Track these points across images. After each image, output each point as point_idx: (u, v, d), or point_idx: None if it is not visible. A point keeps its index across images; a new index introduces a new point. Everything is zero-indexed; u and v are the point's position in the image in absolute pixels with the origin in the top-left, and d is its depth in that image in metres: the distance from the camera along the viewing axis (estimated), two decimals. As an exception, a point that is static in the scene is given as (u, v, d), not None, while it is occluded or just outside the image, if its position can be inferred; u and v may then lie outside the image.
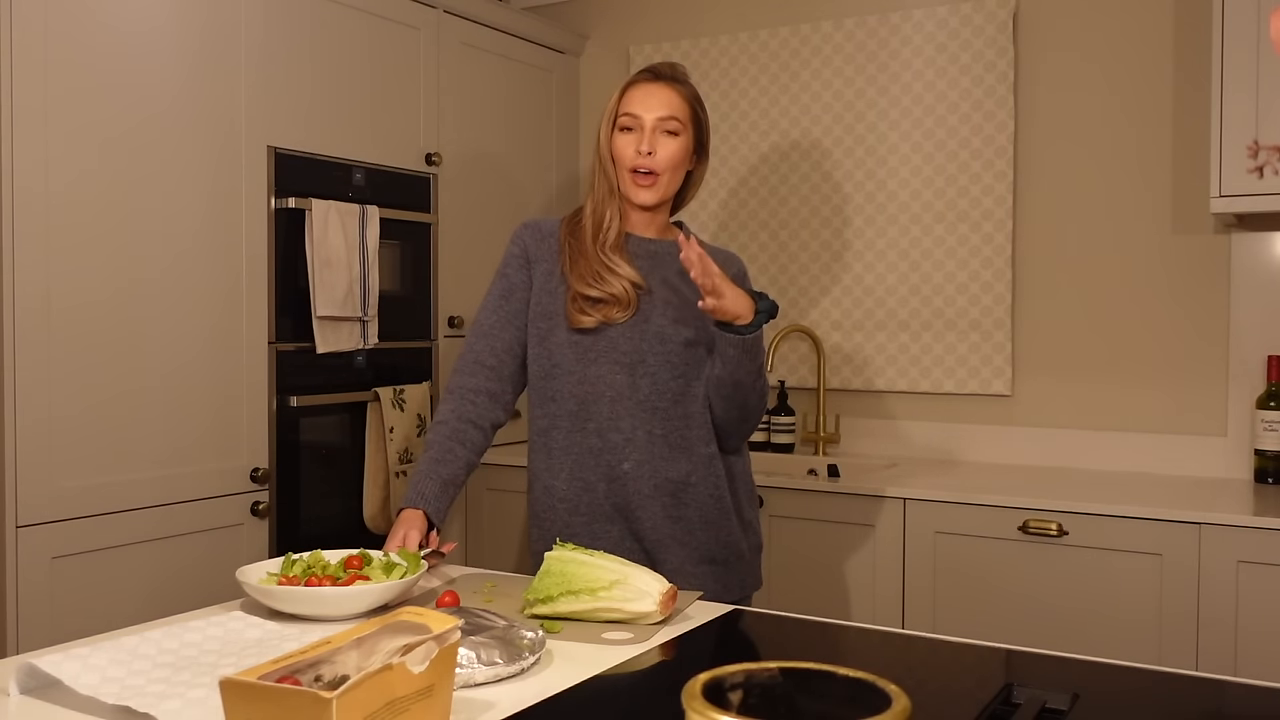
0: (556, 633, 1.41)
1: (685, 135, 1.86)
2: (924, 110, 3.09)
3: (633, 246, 1.89)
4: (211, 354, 2.43)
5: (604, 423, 1.83)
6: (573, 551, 1.49)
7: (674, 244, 1.90)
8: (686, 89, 1.88)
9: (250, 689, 0.92)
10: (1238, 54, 2.42)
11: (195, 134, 2.39)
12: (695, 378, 1.85)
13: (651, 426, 1.82)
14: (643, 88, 1.85)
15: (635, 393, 1.82)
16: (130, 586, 2.26)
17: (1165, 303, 2.82)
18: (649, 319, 1.84)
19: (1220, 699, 1.19)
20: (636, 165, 1.83)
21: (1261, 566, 2.20)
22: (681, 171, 1.89)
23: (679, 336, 1.83)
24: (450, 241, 3.07)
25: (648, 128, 1.82)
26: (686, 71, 1.92)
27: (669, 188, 1.87)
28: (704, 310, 1.70)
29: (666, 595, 1.44)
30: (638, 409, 1.82)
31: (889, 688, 0.84)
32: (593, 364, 1.83)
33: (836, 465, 2.89)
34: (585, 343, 1.83)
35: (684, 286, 1.87)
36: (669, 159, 1.83)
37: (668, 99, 1.84)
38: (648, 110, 1.83)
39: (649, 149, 1.81)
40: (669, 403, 1.83)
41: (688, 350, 1.84)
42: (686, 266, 1.67)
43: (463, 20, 3.12)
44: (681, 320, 1.84)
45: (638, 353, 1.82)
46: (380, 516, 2.80)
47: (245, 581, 1.46)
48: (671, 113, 1.83)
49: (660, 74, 1.87)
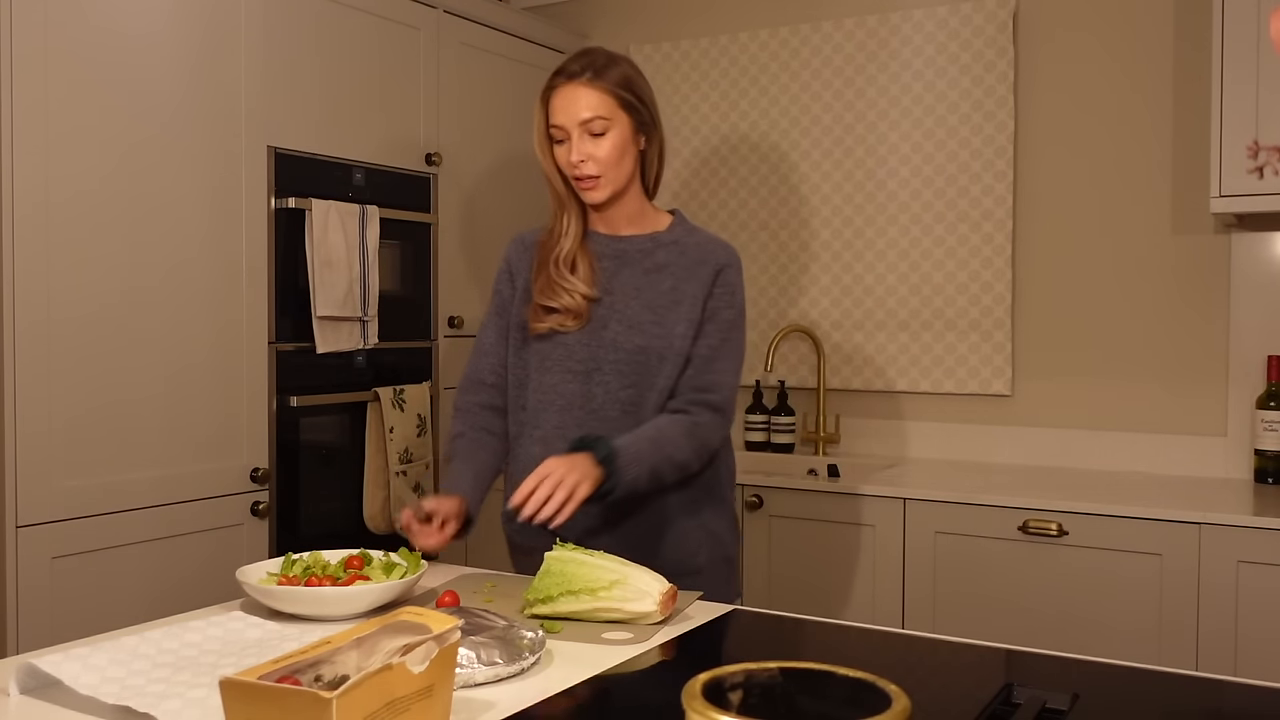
0: (556, 633, 1.41)
1: (616, 127, 1.76)
2: (924, 110, 3.09)
3: (598, 247, 1.85)
4: (211, 354, 2.43)
5: (550, 431, 1.80)
6: (573, 551, 1.49)
7: (650, 238, 1.85)
8: (604, 79, 1.76)
9: (250, 689, 0.92)
10: (1238, 54, 2.42)
11: (195, 134, 2.39)
12: (649, 387, 1.79)
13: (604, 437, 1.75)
14: (560, 94, 1.77)
15: (588, 401, 1.78)
16: (130, 586, 2.26)
17: (1165, 303, 2.82)
18: (606, 325, 1.80)
19: (1220, 699, 1.19)
20: (574, 174, 1.78)
21: (1261, 566, 2.20)
22: (626, 160, 1.79)
23: (631, 343, 1.78)
24: (450, 241, 3.07)
25: (574, 136, 1.75)
26: (606, 55, 1.79)
27: (617, 182, 1.79)
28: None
29: (666, 595, 1.44)
30: (587, 418, 1.78)
31: (889, 688, 0.84)
32: (548, 373, 1.81)
33: (836, 465, 2.89)
34: (544, 351, 1.82)
35: (649, 288, 1.82)
36: (604, 159, 1.76)
37: (586, 100, 1.74)
38: (569, 117, 1.75)
39: (579, 158, 1.75)
40: (619, 412, 1.78)
41: (640, 358, 1.78)
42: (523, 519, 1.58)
43: (463, 20, 3.12)
44: (636, 327, 1.79)
45: (593, 360, 1.79)
46: (380, 516, 2.79)
47: (245, 581, 1.46)
48: (593, 113, 1.74)
49: (573, 73, 1.76)
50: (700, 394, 1.79)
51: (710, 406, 1.78)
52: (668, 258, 1.83)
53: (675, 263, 1.83)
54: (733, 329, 1.83)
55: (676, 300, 1.80)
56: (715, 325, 1.81)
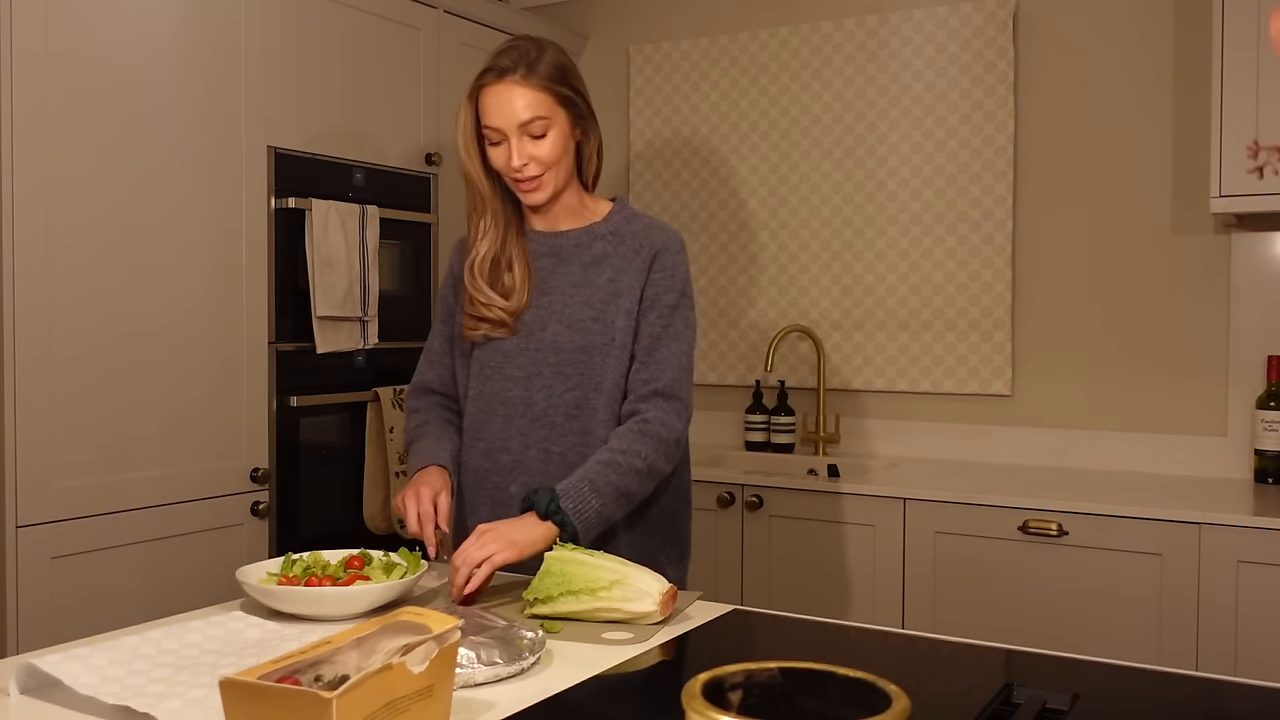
0: (556, 632, 1.41)
1: (556, 124, 1.68)
2: (924, 110, 3.09)
3: (535, 245, 1.79)
4: (211, 354, 2.43)
5: (494, 443, 1.76)
6: (572, 551, 1.49)
7: (586, 230, 1.78)
8: (538, 74, 1.66)
9: (250, 689, 0.92)
10: (1238, 54, 2.42)
11: (195, 134, 2.39)
12: (593, 389, 1.72)
13: (548, 444, 1.73)
14: (493, 93, 1.67)
15: (530, 409, 1.73)
16: (130, 586, 2.26)
17: (1165, 303, 2.82)
18: (545, 326, 1.74)
19: (1220, 699, 1.19)
20: (515, 176, 1.71)
21: (1261, 566, 2.20)
22: (567, 157, 1.72)
23: (572, 344, 1.72)
24: (450, 241, 3.07)
25: (512, 139, 1.67)
26: (535, 46, 1.70)
27: (558, 179, 1.72)
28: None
29: (667, 595, 1.44)
30: (532, 426, 1.73)
31: (889, 688, 0.84)
32: (489, 380, 1.77)
33: (836, 465, 2.89)
34: (483, 358, 1.77)
35: (587, 284, 1.74)
36: (546, 158, 1.68)
37: (523, 99, 1.65)
38: (506, 119, 1.67)
39: (521, 160, 1.67)
40: (564, 417, 1.72)
41: (581, 358, 1.72)
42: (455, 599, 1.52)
43: (463, 20, 3.12)
44: (576, 326, 1.73)
45: (532, 365, 1.74)
46: (380, 516, 2.80)
47: (245, 581, 1.46)
48: (532, 113, 1.66)
49: (504, 69, 1.67)
50: (647, 385, 1.71)
51: (661, 395, 1.70)
52: (605, 249, 1.76)
53: (613, 253, 1.76)
54: (675, 312, 1.74)
55: (615, 292, 1.74)
56: (656, 312, 1.73)
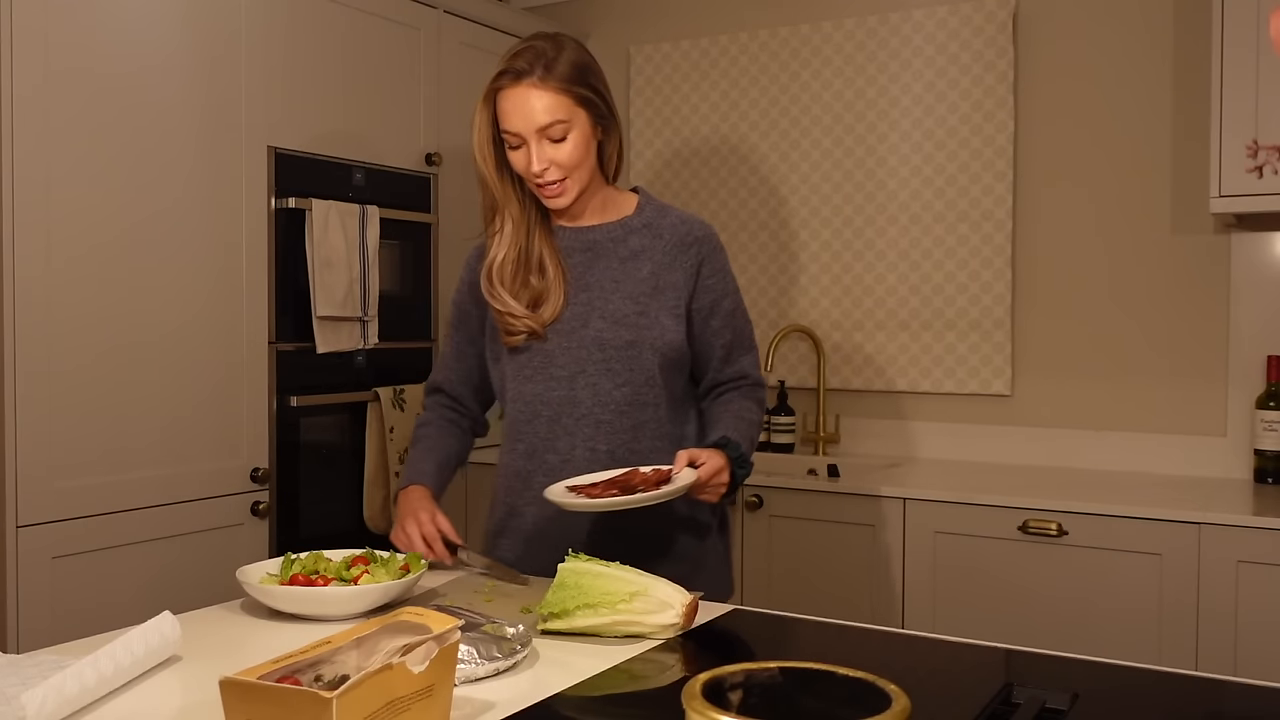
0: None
1: (576, 127, 1.64)
2: (924, 110, 3.09)
3: (566, 241, 1.75)
4: (211, 354, 2.43)
5: (537, 443, 1.73)
6: (588, 563, 1.41)
7: (620, 224, 1.76)
8: (556, 75, 1.62)
9: (250, 689, 0.92)
10: (1238, 54, 2.41)
11: (195, 134, 2.39)
12: (643, 382, 1.71)
13: (594, 443, 1.71)
14: (510, 97, 1.63)
15: (575, 407, 1.71)
16: (130, 586, 2.26)
17: (1165, 303, 2.82)
18: (587, 323, 1.71)
19: (1220, 699, 1.19)
20: (537, 181, 1.67)
21: (1261, 566, 2.20)
22: (589, 158, 1.69)
23: (618, 339, 1.69)
24: (450, 241, 3.07)
25: (531, 143, 1.63)
26: (552, 44, 1.65)
27: (582, 181, 1.69)
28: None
29: (689, 606, 1.38)
30: (578, 424, 1.71)
31: (889, 688, 0.85)
32: (528, 381, 1.73)
33: (836, 465, 2.89)
34: (522, 360, 1.74)
35: (627, 278, 1.72)
36: (568, 162, 1.65)
37: (542, 103, 1.61)
38: (524, 123, 1.62)
39: (541, 165, 1.64)
40: (613, 414, 1.70)
41: (630, 353, 1.69)
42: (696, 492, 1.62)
43: (463, 20, 3.12)
44: (621, 321, 1.70)
45: (576, 363, 1.70)
46: (380, 516, 2.80)
47: (245, 581, 1.46)
48: (552, 117, 1.62)
49: (521, 72, 1.62)
50: (742, 379, 1.82)
51: (756, 383, 1.83)
52: (642, 243, 1.75)
53: (651, 247, 1.74)
54: (736, 311, 1.80)
55: (658, 288, 1.72)
56: (719, 319, 1.77)
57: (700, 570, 1.79)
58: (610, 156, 1.75)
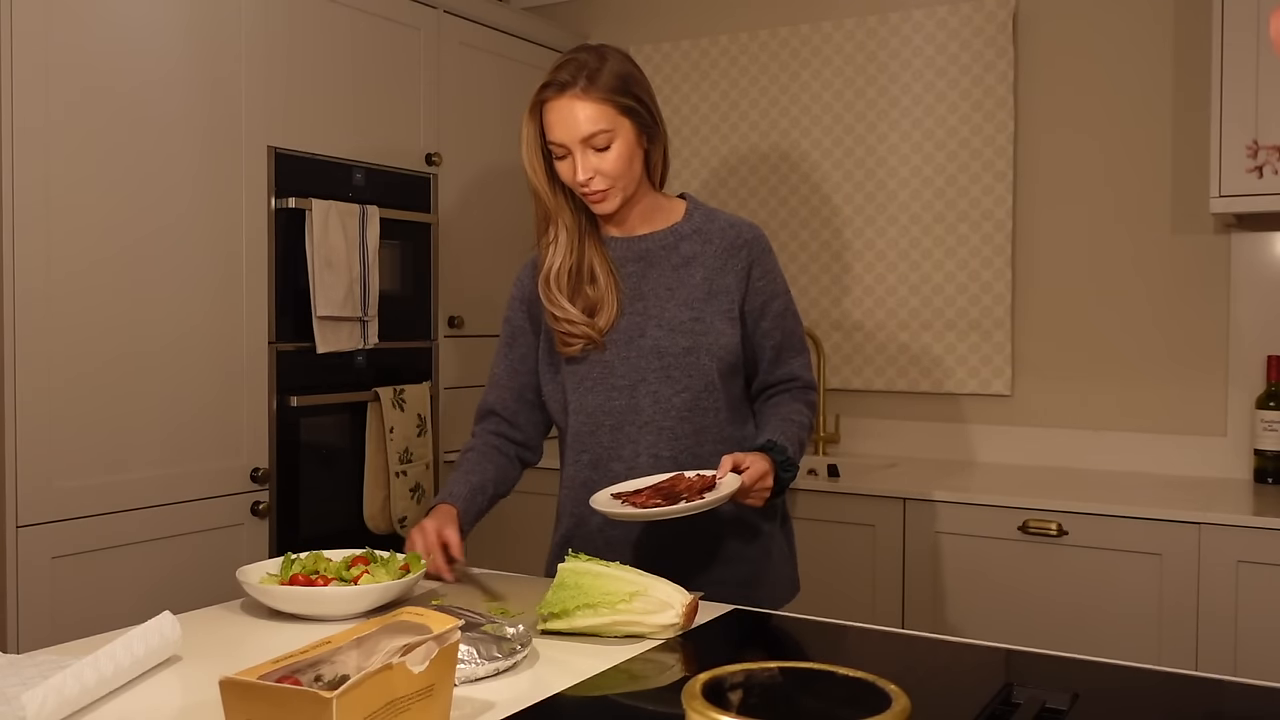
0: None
1: (620, 136, 1.66)
2: (924, 110, 3.10)
3: (618, 251, 1.77)
4: (211, 354, 2.43)
5: (600, 453, 1.74)
6: (587, 563, 1.41)
7: (670, 231, 1.77)
8: (599, 86, 1.64)
9: (250, 689, 0.92)
10: (1238, 54, 2.42)
11: (195, 134, 2.39)
12: (703, 388, 1.72)
13: (658, 449, 1.72)
14: (555, 109, 1.65)
15: (637, 416, 1.72)
16: (130, 586, 2.26)
17: (1165, 303, 2.82)
18: (644, 332, 1.72)
19: (1220, 699, 1.19)
20: (583, 190, 1.69)
21: (1261, 566, 2.20)
22: (635, 165, 1.70)
23: (676, 347, 1.71)
24: (450, 241, 3.07)
25: (576, 152, 1.65)
26: (596, 55, 1.67)
27: (627, 188, 1.71)
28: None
29: (689, 606, 1.39)
30: (640, 433, 1.72)
31: (889, 688, 0.85)
32: (589, 393, 1.74)
33: (836, 465, 2.89)
34: (581, 372, 1.74)
35: (681, 285, 1.74)
36: (612, 171, 1.66)
37: (585, 113, 1.63)
38: (569, 134, 1.64)
39: (586, 175, 1.66)
40: (675, 420, 1.72)
41: (689, 360, 1.71)
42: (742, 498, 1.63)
43: (463, 20, 3.12)
44: (678, 328, 1.72)
45: (636, 372, 1.72)
46: (380, 516, 2.80)
47: (245, 581, 1.46)
48: (595, 127, 1.64)
49: (564, 84, 1.64)
50: (792, 381, 1.83)
51: (806, 385, 1.84)
52: (693, 249, 1.76)
53: (702, 253, 1.76)
54: (786, 313, 1.81)
55: (711, 292, 1.74)
56: (769, 320, 1.78)
57: (762, 568, 1.81)
58: (656, 164, 1.77)
